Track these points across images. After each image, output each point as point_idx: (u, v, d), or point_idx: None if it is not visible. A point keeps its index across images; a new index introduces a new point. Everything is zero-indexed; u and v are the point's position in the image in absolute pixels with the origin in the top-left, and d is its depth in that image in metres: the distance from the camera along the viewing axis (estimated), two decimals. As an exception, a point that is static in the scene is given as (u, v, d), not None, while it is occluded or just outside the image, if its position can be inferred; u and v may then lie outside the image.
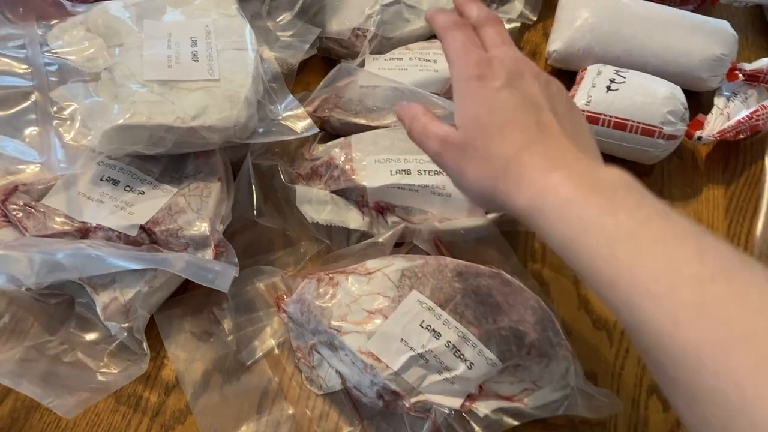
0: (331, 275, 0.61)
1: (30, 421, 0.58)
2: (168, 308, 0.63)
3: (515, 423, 0.56)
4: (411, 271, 0.60)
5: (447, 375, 0.55)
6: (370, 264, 0.62)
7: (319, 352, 0.61)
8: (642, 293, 0.35)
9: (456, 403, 0.55)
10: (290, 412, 0.59)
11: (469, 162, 0.46)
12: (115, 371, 0.59)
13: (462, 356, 0.55)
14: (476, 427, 0.55)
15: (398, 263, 0.61)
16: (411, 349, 0.55)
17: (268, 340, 0.63)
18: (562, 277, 0.70)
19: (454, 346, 0.55)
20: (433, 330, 0.56)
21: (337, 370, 0.59)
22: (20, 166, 0.60)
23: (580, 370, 0.58)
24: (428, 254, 0.65)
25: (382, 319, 0.57)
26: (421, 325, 0.56)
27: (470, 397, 0.55)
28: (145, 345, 0.59)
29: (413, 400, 0.54)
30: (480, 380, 0.55)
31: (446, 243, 0.67)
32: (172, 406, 0.60)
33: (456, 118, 0.48)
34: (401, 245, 0.68)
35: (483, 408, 0.55)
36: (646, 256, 0.36)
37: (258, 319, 0.64)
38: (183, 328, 0.63)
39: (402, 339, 0.56)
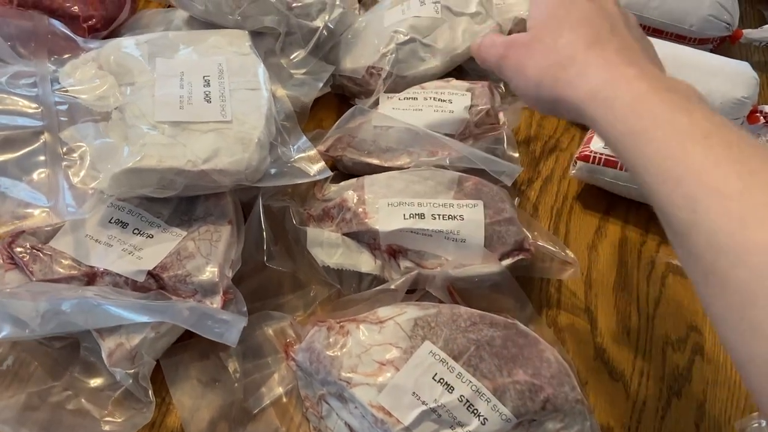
0: (341, 323, 0.60)
1: (30, 471, 0.57)
2: (174, 354, 0.62)
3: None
4: (424, 321, 0.59)
5: (460, 430, 0.53)
6: (382, 312, 0.60)
7: (328, 403, 0.59)
8: (710, 191, 0.35)
9: None
10: None
11: (533, 55, 0.48)
12: (119, 420, 0.57)
13: (475, 411, 0.53)
14: None
15: (411, 312, 0.60)
16: (423, 403, 0.53)
17: (275, 388, 0.62)
18: (579, 324, 0.68)
19: (468, 401, 0.54)
20: (446, 383, 0.54)
21: (346, 423, 0.57)
22: (27, 210, 0.59)
23: (597, 426, 0.56)
24: (441, 302, 0.64)
25: (394, 371, 0.55)
26: (433, 378, 0.55)
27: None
28: (150, 392, 0.58)
29: None
30: None
31: (460, 290, 0.65)
32: (178, 455, 0.58)
33: (529, 21, 0.50)
34: (413, 291, 0.66)
35: None
36: (719, 156, 0.36)
37: (265, 366, 0.63)
38: (189, 374, 0.61)
39: (414, 392, 0.54)
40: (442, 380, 0.55)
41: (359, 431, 0.56)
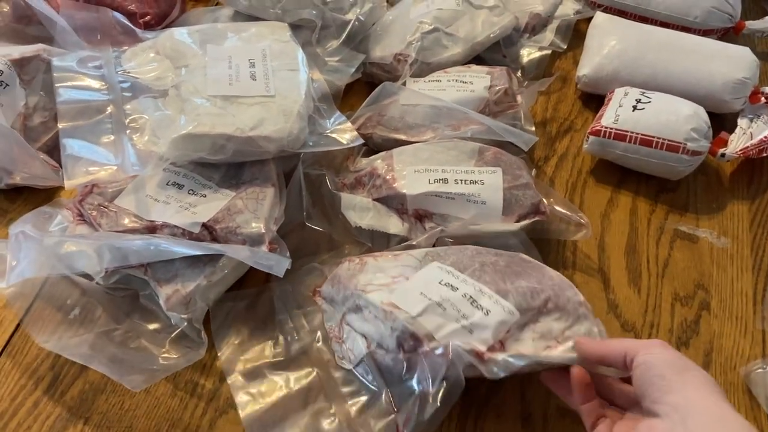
0: (360, 257, 0.66)
1: (97, 402, 0.63)
2: (222, 302, 0.69)
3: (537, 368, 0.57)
4: (434, 251, 0.65)
5: (464, 322, 0.56)
6: (398, 251, 0.67)
7: (348, 324, 0.64)
8: None
9: (475, 346, 0.55)
10: (332, 411, 0.62)
11: None
12: (175, 356, 0.64)
13: (479, 305, 0.57)
14: (494, 368, 0.55)
15: (424, 249, 0.66)
16: (429, 299, 0.58)
17: (308, 336, 0.67)
18: (592, 283, 0.74)
19: (471, 297, 0.58)
20: (451, 285, 0.59)
21: (362, 334, 0.62)
22: (98, 168, 0.67)
23: (603, 328, 0.60)
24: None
25: (404, 280, 0.61)
26: (440, 283, 0.59)
27: (490, 349, 0.55)
28: (203, 334, 0.65)
29: (432, 344, 0.56)
30: (498, 330, 0.56)
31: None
32: (226, 392, 0.64)
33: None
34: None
35: (500, 356, 0.55)
36: None
37: (303, 315, 0.69)
38: (234, 323, 0.68)
39: (421, 292, 0.59)
40: (447, 284, 0.59)
41: (372, 336, 0.60)
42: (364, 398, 0.62)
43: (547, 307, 0.59)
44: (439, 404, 0.54)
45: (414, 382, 0.57)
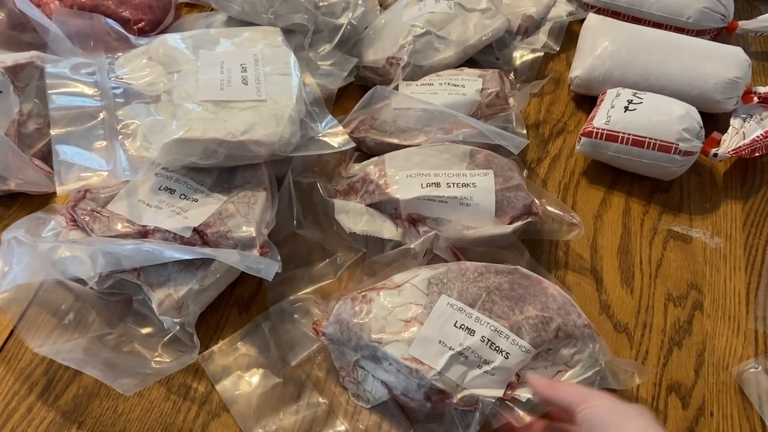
0: (363, 293, 0.66)
1: (90, 407, 0.63)
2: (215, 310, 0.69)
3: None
4: (436, 278, 0.65)
5: (486, 368, 0.59)
6: (398, 278, 0.66)
7: (363, 368, 0.64)
8: None
9: (499, 392, 0.59)
10: (343, 428, 0.63)
11: None
12: (167, 360, 0.64)
13: (498, 348, 0.59)
14: (521, 412, 0.58)
15: (423, 273, 0.65)
16: (450, 348, 0.59)
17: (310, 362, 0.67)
18: (585, 283, 0.74)
19: (489, 340, 0.60)
20: (467, 328, 0.61)
21: (382, 381, 0.63)
22: (90, 173, 0.67)
23: (606, 346, 0.62)
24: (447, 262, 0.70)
25: (418, 325, 0.61)
26: (455, 326, 0.61)
27: (510, 386, 0.59)
28: (195, 337, 0.65)
29: (459, 395, 0.58)
30: (517, 368, 0.59)
31: (462, 249, 0.71)
32: (219, 395, 0.64)
33: None
34: (425, 255, 0.72)
35: (524, 393, 0.59)
36: None
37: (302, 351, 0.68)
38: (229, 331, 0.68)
39: (440, 341, 0.60)
40: (463, 326, 0.61)
41: (396, 386, 0.62)
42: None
43: (558, 336, 0.61)
44: None
45: (444, 424, 0.61)
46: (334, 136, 0.75)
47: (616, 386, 0.62)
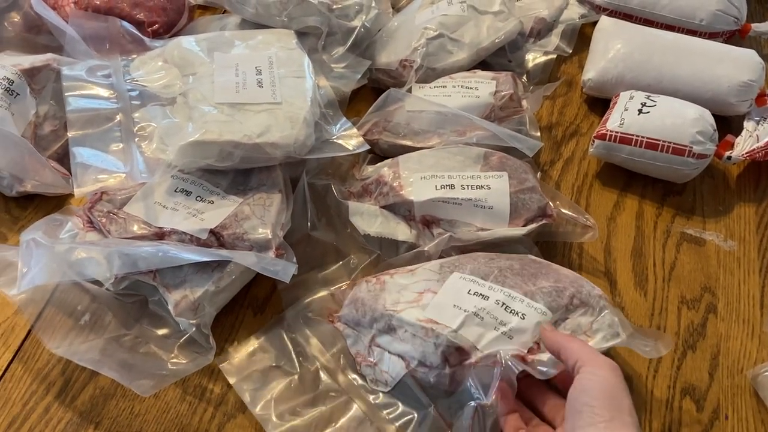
0: (377, 276, 0.67)
1: (107, 407, 0.64)
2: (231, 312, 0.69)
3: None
4: (448, 263, 0.66)
5: (503, 329, 0.58)
6: (411, 266, 0.67)
7: (379, 346, 0.64)
8: None
9: (520, 351, 0.57)
10: (362, 414, 0.63)
11: None
12: (184, 361, 0.65)
13: (513, 310, 0.59)
14: (543, 368, 0.57)
15: (436, 261, 0.67)
16: (465, 311, 0.59)
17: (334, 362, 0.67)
18: (599, 285, 0.72)
19: (504, 303, 0.60)
20: (481, 294, 0.61)
21: (398, 355, 0.62)
22: (107, 176, 0.68)
23: (625, 319, 0.61)
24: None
25: (432, 294, 0.62)
26: (468, 293, 0.61)
27: (530, 351, 0.58)
28: (211, 339, 0.65)
29: (479, 355, 0.58)
30: (535, 332, 0.58)
31: (471, 250, 0.71)
32: (234, 396, 0.65)
33: None
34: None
35: (544, 356, 0.57)
36: None
37: (320, 343, 0.68)
38: (245, 332, 0.69)
39: (454, 305, 0.60)
40: (476, 293, 0.61)
41: (412, 354, 0.61)
42: (408, 417, 0.62)
43: (573, 303, 0.61)
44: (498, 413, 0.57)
45: (464, 395, 0.60)
46: (349, 139, 0.75)
47: (643, 355, 0.61)
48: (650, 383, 0.66)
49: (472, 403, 0.57)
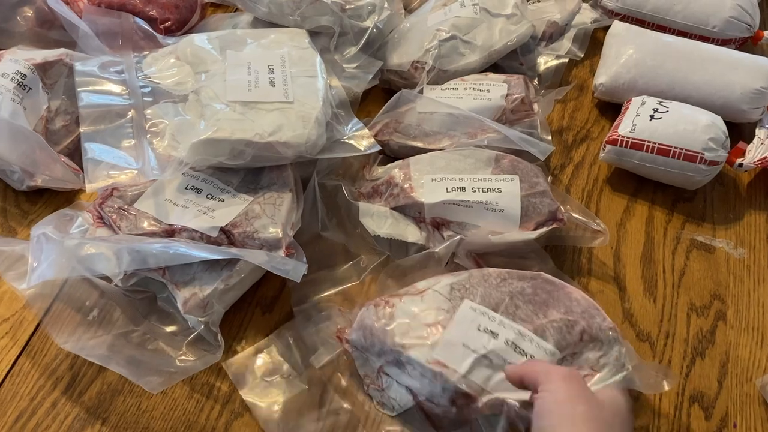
0: (385, 299, 0.65)
1: (114, 403, 0.64)
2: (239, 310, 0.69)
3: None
4: (459, 284, 0.64)
5: None
6: (420, 285, 0.66)
7: (387, 374, 0.64)
8: None
9: (525, 395, 0.57)
10: None
11: None
12: (192, 359, 0.65)
13: (522, 351, 0.59)
14: None
15: (445, 280, 0.65)
16: (474, 351, 0.59)
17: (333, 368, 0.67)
18: (608, 291, 0.74)
19: (513, 343, 0.59)
20: (491, 331, 0.60)
21: (407, 387, 0.63)
22: (117, 171, 0.68)
23: (633, 350, 0.61)
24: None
25: (442, 329, 0.61)
26: (478, 329, 0.60)
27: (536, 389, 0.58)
28: (219, 336, 0.65)
29: (484, 400, 0.58)
30: None
31: (483, 256, 0.71)
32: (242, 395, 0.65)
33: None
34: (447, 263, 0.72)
35: None
36: None
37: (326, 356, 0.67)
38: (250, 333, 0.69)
39: (464, 344, 0.59)
40: (486, 329, 0.60)
41: (420, 391, 0.61)
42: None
43: (583, 339, 0.60)
44: None
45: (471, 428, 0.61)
46: (360, 139, 0.75)
47: (645, 391, 0.61)
48: (659, 390, 0.66)
49: None
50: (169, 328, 0.68)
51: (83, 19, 0.79)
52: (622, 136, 0.79)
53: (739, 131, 0.87)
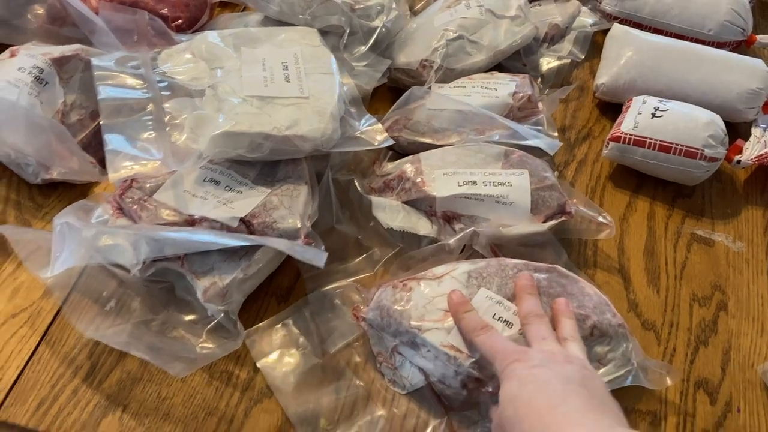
0: (403, 282, 0.67)
1: (134, 391, 0.65)
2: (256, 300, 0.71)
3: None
4: (476, 272, 0.66)
5: None
6: (438, 270, 0.68)
7: (400, 353, 0.66)
8: None
9: None
10: (379, 413, 0.64)
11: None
12: (212, 346, 0.66)
13: None
14: None
15: (463, 267, 0.67)
16: None
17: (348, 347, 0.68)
18: (613, 282, 0.76)
19: None
20: (505, 320, 0.62)
21: (419, 368, 0.64)
22: (138, 163, 0.69)
23: (639, 346, 0.64)
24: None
25: None
26: (493, 317, 0.62)
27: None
28: (239, 324, 0.66)
29: (495, 384, 0.59)
30: None
31: (500, 247, 0.73)
32: (261, 381, 0.66)
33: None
34: (462, 251, 0.74)
35: None
36: None
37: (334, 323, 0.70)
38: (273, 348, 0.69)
39: None
40: (501, 318, 0.62)
41: (433, 372, 0.63)
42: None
43: (593, 333, 0.62)
44: None
45: (478, 414, 0.63)
46: (374, 134, 0.77)
47: (648, 386, 0.64)
48: (666, 376, 0.68)
49: (487, 425, 0.61)
50: (188, 317, 0.69)
51: (99, 15, 0.80)
52: (625, 134, 0.82)
53: (735, 130, 0.90)
